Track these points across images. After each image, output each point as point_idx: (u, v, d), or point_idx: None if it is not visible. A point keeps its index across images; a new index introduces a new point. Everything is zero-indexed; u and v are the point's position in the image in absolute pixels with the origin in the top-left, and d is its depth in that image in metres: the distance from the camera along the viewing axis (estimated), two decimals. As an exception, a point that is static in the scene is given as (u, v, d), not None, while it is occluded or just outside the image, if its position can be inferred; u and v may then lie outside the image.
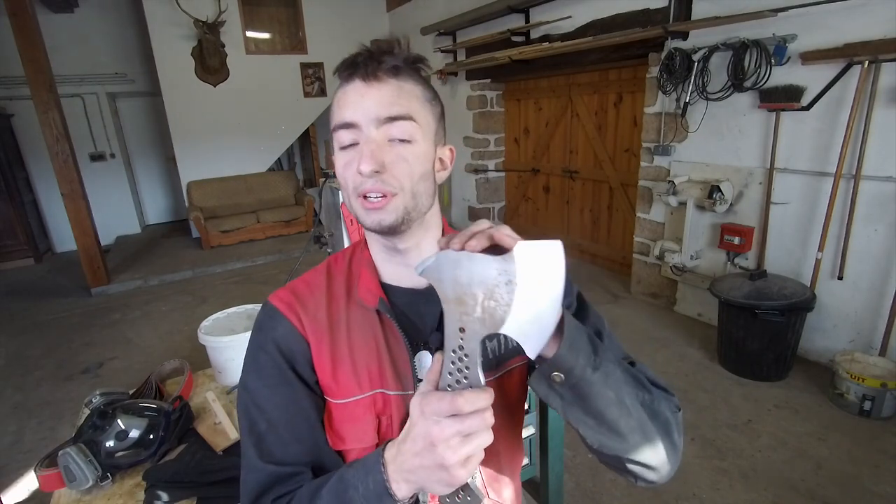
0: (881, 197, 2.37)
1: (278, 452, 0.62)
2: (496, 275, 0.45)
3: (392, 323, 0.64)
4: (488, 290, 0.46)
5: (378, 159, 0.56)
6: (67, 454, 1.01)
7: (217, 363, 1.47)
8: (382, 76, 0.57)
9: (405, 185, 0.58)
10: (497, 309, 0.46)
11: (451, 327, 0.48)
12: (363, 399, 0.64)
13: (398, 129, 0.57)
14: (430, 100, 0.62)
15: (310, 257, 1.90)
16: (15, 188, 5.27)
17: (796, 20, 2.49)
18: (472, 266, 0.46)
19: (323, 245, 1.68)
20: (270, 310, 0.67)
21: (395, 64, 0.58)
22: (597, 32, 3.56)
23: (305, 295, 0.68)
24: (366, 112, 0.57)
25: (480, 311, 0.46)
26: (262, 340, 0.65)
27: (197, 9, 5.27)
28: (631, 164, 3.91)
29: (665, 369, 2.74)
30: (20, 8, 3.66)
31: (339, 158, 0.60)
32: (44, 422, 2.58)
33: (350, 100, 0.58)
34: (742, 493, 1.88)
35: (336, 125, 0.59)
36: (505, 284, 0.45)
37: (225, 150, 6.01)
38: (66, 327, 3.79)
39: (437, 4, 5.27)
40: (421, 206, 0.61)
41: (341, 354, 0.65)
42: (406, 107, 0.58)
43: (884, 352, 2.40)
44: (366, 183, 0.57)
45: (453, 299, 0.47)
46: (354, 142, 0.58)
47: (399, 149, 0.58)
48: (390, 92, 0.57)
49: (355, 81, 0.58)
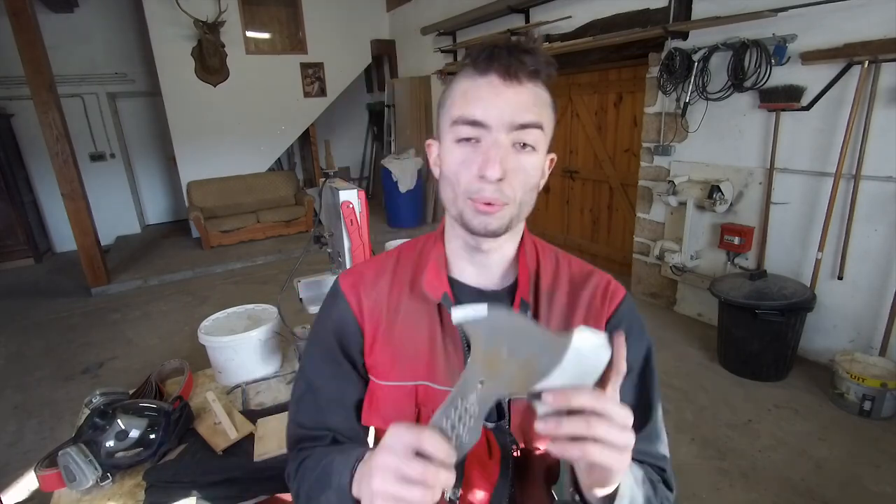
0: (881, 197, 2.37)
1: (306, 416, 0.67)
2: (542, 348, 0.44)
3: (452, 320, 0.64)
4: (528, 357, 0.44)
5: (504, 167, 0.54)
6: (67, 454, 1.01)
7: (217, 363, 1.47)
8: (522, 78, 0.55)
9: (518, 195, 0.57)
10: (527, 377, 0.44)
11: (471, 375, 0.46)
12: (404, 387, 0.65)
13: (526, 135, 0.55)
14: (554, 108, 0.60)
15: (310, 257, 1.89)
16: (15, 188, 5.27)
17: (796, 20, 2.49)
18: (524, 333, 0.45)
19: (323, 245, 1.68)
20: (336, 290, 0.70)
21: (536, 68, 0.55)
22: (597, 32, 3.56)
23: (370, 278, 0.69)
24: (500, 114, 0.54)
25: (509, 375, 0.45)
26: (324, 314, 0.71)
27: (197, 9, 5.27)
28: (631, 164, 3.91)
29: (665, 369, 2.74)
30: (20, 8, 3.65)
31: (453, 153, 0.57)
32: (44, 422, 2.58)
33: (484, 95, 0.55)
34: (742, 493, 1.88)
35: (461, 118, 0.56)
36: (548, 360, 0.43)
37: (225, 150, 6.01)
38: (66, 327, 3.79)
39: (437, 4, 5.27)
40: (523, 214, 0.61)
41: (392, 340, 0.66)
42: (538, 115, 0.56)
43: (884, 352, 2.41)
44: (485, 190, 0.55)
45: (485, 352, 0.46)
46: (476, 138, 0.56)
47: (521, 157, 0.56)
48: (528, 97, 0.55)
49: (491, 76, 0.55)
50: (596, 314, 0.66)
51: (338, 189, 1.45)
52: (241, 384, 1.45)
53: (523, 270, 0.66)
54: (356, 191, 1.45)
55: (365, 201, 1.47)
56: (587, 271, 0.70)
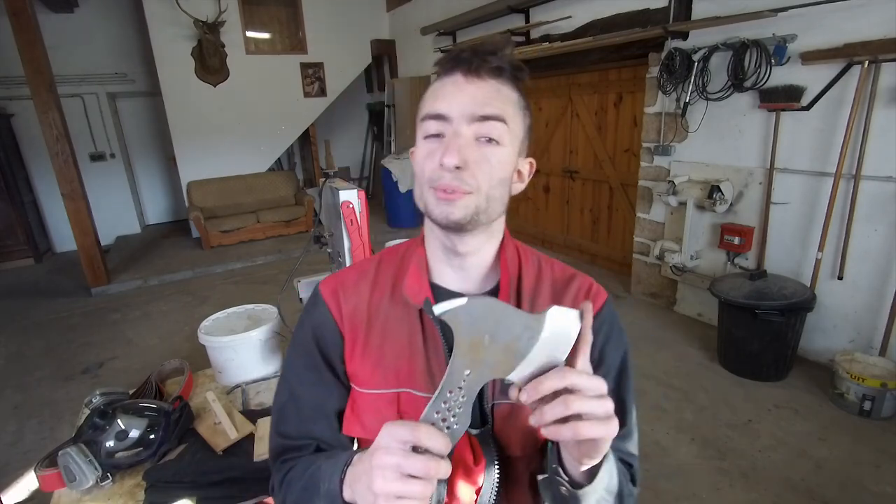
0: (881, 197, 2.37)
1: (291, 426, 0.67)
2: (521, 329, 0.46)
3: (433, 325, 0.63)
4: (509, 340, 0.46)
5: (462, 155, 0.55)
6: (67, 454, 1.01)
7: (217, 363, 1.47)
8: (484, 75, 0.57)
9: (482, 186, 0.57)
10: (509, 359, 0.47)
11: (457, 367, 0.48)
12: (386, 395, 0.64)
13: (488, 128, 0.56)
14: (523, 108, 0.61)
15: (309, 257, 1.90)
16: (15, 188, 5.27)
17: (796, 20, 2.49)
18: (504, 317, 0.47)
19: (323, 245, 1.68)
20: (316, 295, 0.69)
21: (499, 65, 0.57)
22: (597, 32, 3.56)
23: (351, 283, 0.69)
24: (461, 106, 0.56)
25: (493, 359, 0.47)
26: (304, 321, 0.70)
27: (197, 9, 5.27)
28: (631, 164, 3.91)
29: (665, 369, 2.74)
30: (20, 8, 3.65)
31: (420, 147, 0.60)
32: (44, 422, 2.58)
33: (447, 91, 0.57)
34: (742, 493, 1.88)
35: (426, 115, 0.58)
36: (527, 339, 0.46)
37: (225, 150, 6.01)
38: (66, 327, 3.79)
39: (437, 4, 5.27)
40: (492, 210, 0.60)
41: (373, 347, 0.65)
42: (500, 108, 0.57)
43: (884, 352, 2.41)
44: (444, 177, 0.56)
45: (468, 342, 0.47)
46: (440, 133, 0.57)
47: (485, 149, 0.57)
48: (488, 91, 0.57)
49: (455, 75, 0.57)
50: None
51: (338, 189, 1.45)
52: (241, 384, 1.45)
53: (504, 274, 0.66)
54: (356, 191, 1.45)
55: (365, 201, 1.47)
56: (569, 275, 0.71)
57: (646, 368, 2.76)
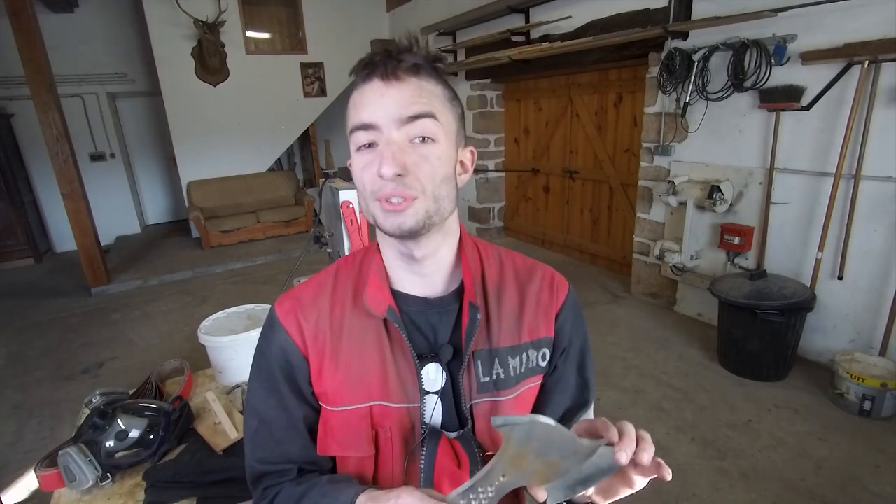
0: (881, 197, 2.37)
1: (265, 452, 0.66)
2: (571, 452, 0.48)
3: (400, 333, 0.61)
4: (554, 459, 0.49)
5: (400, 162, 0.54)
6: (67, 454, 1.01)
7: (217, 363, 1.47)
8: (402, 75, 0.55)
9: (427, 187, 0.56)
10: (546, 474, 0.49)
11: (496, 470, 0.49)
12: (358, 409, 0.63)
13: (420, 127, 0.55)
14: (450, 99, 0.60)
15: (309, 257, 1.90)
16: (15, 188, 5.27)
17: (796, 20, 2.49)
18: (559, 440, 0.48)
19: (323, 245, 1.68)
20: (272, 319, 0.67)
21: (416, 62, 0.56)
22: (597, 32, 3.56)
23: (310, 301, 0.66)
24: (386, 112, 0.54)
25: (531, 471, 0.49)
26: (264, 346, 0.67)
27: (197, 9, 5.27)
28: (631, 164, 3.91)
29: (665, 369, 2.74)
30: (20, 8, 3.65)
31: (356, 160, 0.58)
32: (44, 422, 2.58)
33: (368, 99, 0.56)
34: (742, 493, 1.88)
35: (354, 126, 0.57)
36: (573, 462, 0.48)
37: (225, 150, 6.01)
38: (66, 327, 3.79)
39: (437, 4, 5.27)
40: (443, 210, 0.58)
41: (339, 363, 0.63)
42: (427, 105, 0.56)
43: (884, 352, 2.41)
44: (386, 187, 0.55)
45: (516, 453, 0.49)
46: (373, 142, 0.56)
47: (421, 149, 0.55)
48: (411, 91, 0.55)
49: (374, 81, 0.56)
50: (545, 308, 0.68)
51: (338, 189, 1.45)
52: (241, 384, 1.45)
53: (467, 273, 0.64)
54: (356, 191, 1.45)
55: (365, 201, 1.47)
56: (530, 265, 0.72)
57: (646, 368, 2.76)
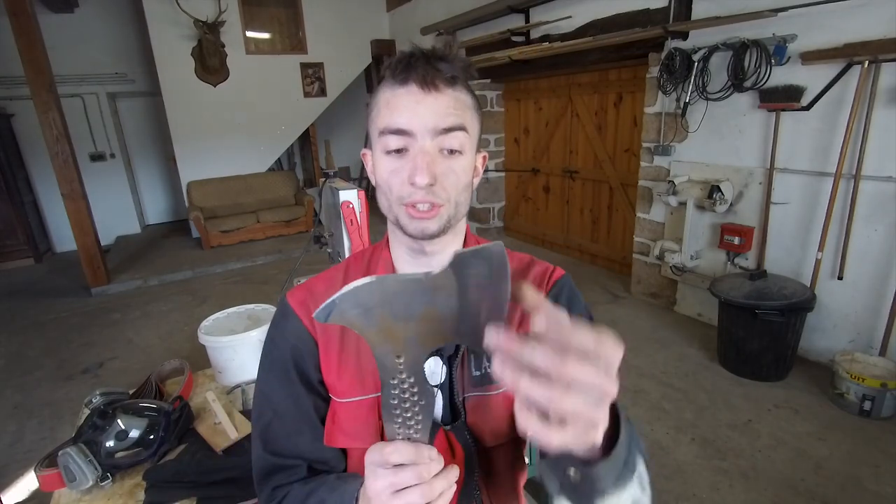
0: (881, 197, 2.37)
1: (279, 444, 0.65)
2: (427, 292, 0.41)
3: None
4: (421, 310, 0.41)
5: (432, 172, 0.56)
6: (67, 454, 1.01)
7: (217, 363, 1.47)
8: (440, 85, 0.56)
9: (451, 196, 0.58)
10: (438, 326, 0.42)
11: (387, 360, 0.43)
12: (366, 400, 0.64)
13: (452, 140, 0.57)
14: (477, 109, 0.62)
15: (309, 257, 1.90)
16: (15, 188, 5.27)
17: (796, 20, 2.49)
18: (397, 289, 0.41)
19: (323, 245, 1.68)
20: (284, 307, 0.68)
21: (453, 74, 0.57)
22: (597, 32, 3.56)
23: (321, 292, 0.68)
24: (422, 121, 0.56)
25: (415, 332, 0.42)
26: (275, 335, 0.68)
27: (197, 9, 5.27)
28: (631, 164, 3.91)
29: (665, 369, 2.74)
30: (20, 8, 3.65)
31: (383, 162, 0.59)
32: (44, 422, 2.58)
33: (405, 105, 0.56)
34: (742, 493, 1.88)
35: (386, 129, 0.57)
36: (445, 297, 0.41)
37: (225, 150, 6.01)
38: (66, 327, 3.79)
39: (437, 4, 5.27)
40: (460, 214, 0.62)
41: (348, 354, 0.65)
42: (461, 117, 0.57)
43: (884, 352, 2.41)
44: (416, 194, 0.57)
45: (377, 330, 0.42)
46: (404, 148, 0.57)
47: (450, 161, 0.58)
48: (447, 102, 0.57)
49: (411, 86, 0.56)
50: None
51: (338, 189, 1.45)
52: (241, 384, 1.45)
53: None
54: (356, 191, 1.45)
55: (365, 201, 1.47)
56: (528, 260, 0.73)
57: (646, 368, 2.76)
